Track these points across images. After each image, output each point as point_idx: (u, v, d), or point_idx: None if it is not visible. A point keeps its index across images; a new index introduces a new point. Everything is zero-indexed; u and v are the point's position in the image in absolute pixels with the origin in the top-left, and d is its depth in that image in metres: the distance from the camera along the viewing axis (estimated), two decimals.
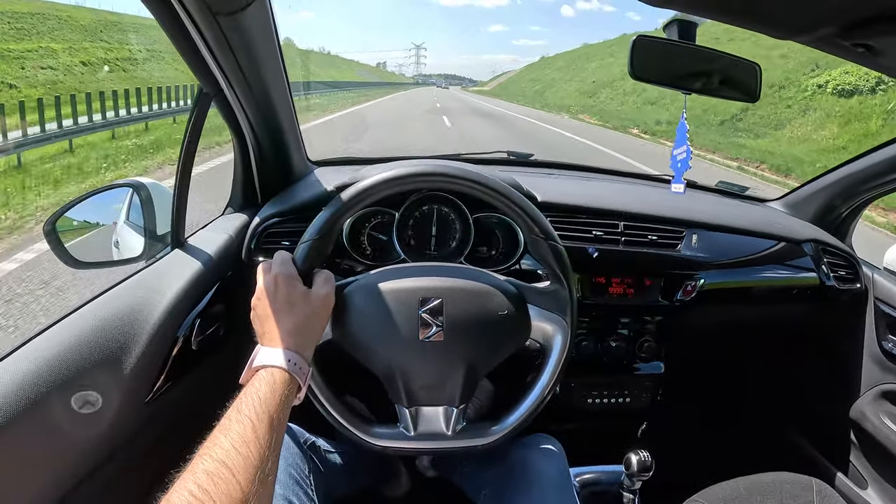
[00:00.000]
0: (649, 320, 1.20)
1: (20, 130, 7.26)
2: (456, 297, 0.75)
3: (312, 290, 0.71)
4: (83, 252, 1.01)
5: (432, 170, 0.77)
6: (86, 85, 16.08)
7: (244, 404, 0.56)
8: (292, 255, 0.73)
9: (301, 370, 0.63)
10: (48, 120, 7.84)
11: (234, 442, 0.51)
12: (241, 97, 0.94)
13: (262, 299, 0.69)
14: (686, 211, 1.20)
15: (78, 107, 8.57)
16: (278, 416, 0.56)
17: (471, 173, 0.77)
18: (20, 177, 6.29)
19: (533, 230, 0.78)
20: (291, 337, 0.65)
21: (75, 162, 7.32)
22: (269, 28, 0.88)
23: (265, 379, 0.59)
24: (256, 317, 0.69)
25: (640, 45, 0.90)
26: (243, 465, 0.49)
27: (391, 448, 0.76)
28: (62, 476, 0.69)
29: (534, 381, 0.79)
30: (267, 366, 0.61)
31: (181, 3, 0.71)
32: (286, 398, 0.59)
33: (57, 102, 8.33)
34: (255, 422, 0.53)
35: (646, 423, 1.34)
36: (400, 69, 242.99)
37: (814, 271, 1.26)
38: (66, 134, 7.94)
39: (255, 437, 0.52)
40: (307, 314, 0.68)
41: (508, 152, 1.51)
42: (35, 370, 0.66)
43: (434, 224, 1.09)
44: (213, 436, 0.52)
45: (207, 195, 1.99)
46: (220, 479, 0.47)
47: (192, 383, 0.92)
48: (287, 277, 0.69)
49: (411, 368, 0.75)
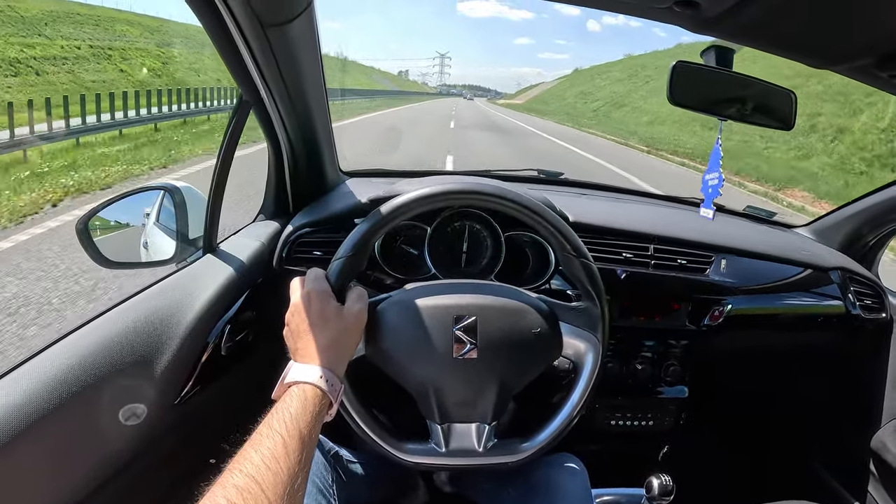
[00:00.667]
0: (675, 344, 1.20)
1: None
2: (490, 314, 0.75)
3: (345, 306, 0.71)
4: (114, 252, 1.02)
5: (467, 187, 0.77)
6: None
7: (275, 420, 0.56)
8: (325, 271, 0.73)
9: (333, 387, 0.63)
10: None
11: (264, 457, 0.51)
12: (280, 107, 0.95)
13: (296, 315, 0.69)
14: (715, 235, 1.20)
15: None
16: (309, 433, 0.56)
17: (505, 191, 0.77)
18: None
19: (565, 248, 0.78)
20: (324, 353, 0.65)
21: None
22: (313, 40, 0.89)
23: (297, 395, 0.59)
24: (290, 332, 0.69)
25: (679, 71, 0.90)
26: (273, 480, 0.49)
27: (423, 464, 0.75)
28: (87, 475, 0.70)
29: (565, 398, 0.78)
30: (299, 382, 0.61)
31: (231, 13, 0.72)
32: (317, 415, 0.59)
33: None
34: (285, 438, 0.53)
35: (667, 447, 1.32)
36: (423, 78, 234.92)
37: (840, 299, 1.25)
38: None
39: (286, 453, 0.52)
40: (340, 330, 0.68)
41: (539, 170, 1.51)
42: (66, 370, 0.67)
43: (465, 241, 1.10)
44: (244, 450, 0.52)
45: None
46: (249, 495, 0.47)
47: (219, 389, 0.92)
48: (320, 294, 0.69)
49: (445, 385, 0.75)
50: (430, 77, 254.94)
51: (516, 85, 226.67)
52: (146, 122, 10.66)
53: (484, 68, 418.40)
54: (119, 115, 10.07)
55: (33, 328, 2.73)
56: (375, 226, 0.75)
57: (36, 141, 7.48)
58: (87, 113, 8.99)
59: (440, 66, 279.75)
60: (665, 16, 0.66)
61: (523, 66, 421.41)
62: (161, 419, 0.79)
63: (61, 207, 5.10)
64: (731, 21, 0.60)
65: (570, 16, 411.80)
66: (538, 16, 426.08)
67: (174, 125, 11.45)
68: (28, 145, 7.13)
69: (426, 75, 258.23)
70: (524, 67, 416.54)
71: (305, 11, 0.77)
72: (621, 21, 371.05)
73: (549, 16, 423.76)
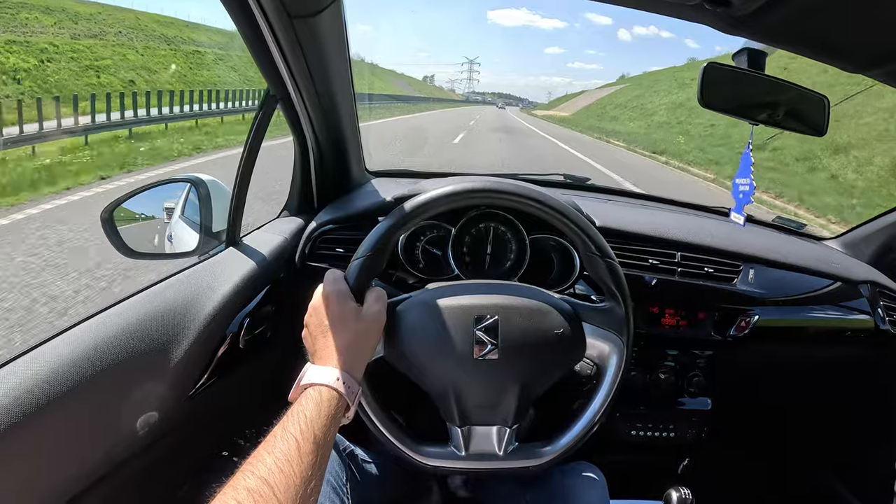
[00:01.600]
0: (699, 354, 1.17)
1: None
2: (511, 315, 0.73)
3: (364, 307, 0.70)
4: (138, 242, 1.03)
5: (492, 186, 0.76)
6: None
7: (290, 423, 0.55)
8: (344, 272, 0.72)
9: (350, 389, 0.62)
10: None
11: (277, 460, 0.50)
12: (307, 102, 0.95)
13: (314, 317, 0.68)
14: (744, 245, 1.17)
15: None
16: (324, 436, 0.55)
17: (530, 190, 0.76)
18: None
19: (590, 248, 0.77)
20: (342, 355, 0.64)
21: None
22: (342, 35, 0.89)
23: (313, 397, 0.59)
24: (308, 334, 0.69)
25: (710, 73, 0.88)
26: (285, 483, 0.48)
27: (442, 468, 0.74)
28: (99, 461, 0.70)
29: (588, 401, 0.77)
30: (315, 384, 0.60)
31: (259, 5, 0.73)
32: (333, 418, 0.58)
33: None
34: (300, 441, 0.53)
35: (688, 459, 1.29)
36: (452, 85, 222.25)
37: (869, 314, 1.21)
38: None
39: (300, 456, 0.51)
40: (358, 332, 0.67)
41: (565, 175, 1.50)
42: (79, 357, 0.67)
43: (489, 242, 1.08)
44: (258, 452, 0.51)
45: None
46: (260, 498, 0.46)
47: (235, 382, 0.92)
48: (339, 295, 0.69)
49: (465, 387, 0.73)
50: (457, 83, 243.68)
51: (547, 94, 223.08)
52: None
53: (513, 77, 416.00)
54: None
55: None
56: (396, 225, 0.74)
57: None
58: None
59: (468, 71, 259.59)
60: (696, 15, 0.65)
61: (553, 75, 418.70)
62: (175, 409, 0.79)
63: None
64: (763, 21, 0.59)
65: (600, 25, 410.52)
66: (569, 25, 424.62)
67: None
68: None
69: (454, 81, 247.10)
70: (554, 77, 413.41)
71: (333, 4, 0.78)
72: (652, 31, 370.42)
73: (580, 25, 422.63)
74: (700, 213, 1.44)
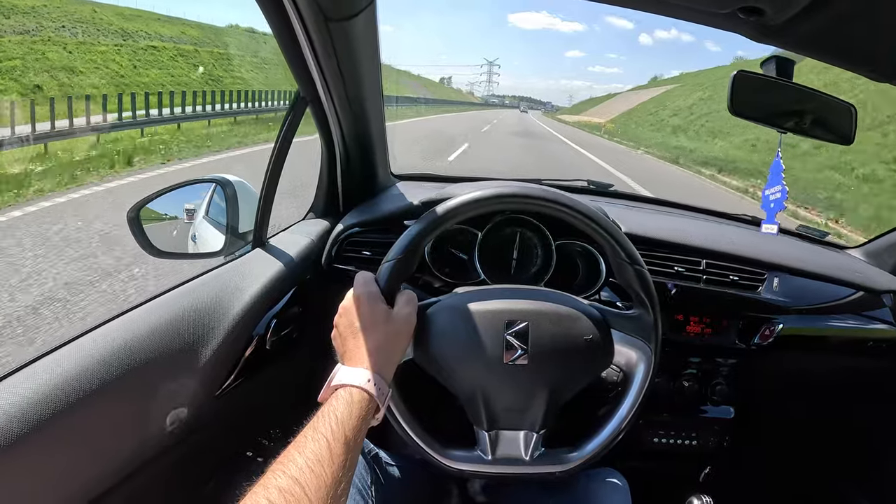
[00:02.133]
0: (723, 362, 1.16)
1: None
2: (541, 320, 0.73)
3: (395, 309, 0.70)
4: (163, 242, 1.04)
5: (522, 191, 0.76)
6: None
7: (321, 423, 0.55)
8: (375, 274, 0.73)
9: (381, 391, 0.62)
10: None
11: (308, 460, 0.50)
12: (336, 104, 0.96)
13: (344, 318, 0.69)
14: (769, 253, 1.17)
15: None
16: (354, 437, 0.56)
17: (560, 195, 0.76)
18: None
19: (619, 255, 0.77)
20: (372, 357, 0.64)
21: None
22: (374, 38, 0.90)
23: (343, 398, 0.59)
24: (338, 335, 0.69)
25: (740, 81, 0.88)
26: (316, 484, 0.48)
27: (468, 471, 0.74)
28: (127, 456, 0.70)
29: (615, 407, 0.76)
30: (346, 385, 0.61)
31: (295, 6, 0.73)
32: (364, 419, 0.58)
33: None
34: (331, 441, 0.53)
35: (710, 468, 1.28)
36: (471, 87, 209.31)
37: (892, 324, 1.20)
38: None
39: (331, 456, 0.51)
40: (388, 334, 0.67)
41: (589, 181, 1.50)
42: (109, 354, 0.68)
43: (516, 247, 1.09)
44: (288, 452, 0.52)
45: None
46: (292, 497, 0.46)
47: (261, 383, 0.93)
48: (370, 297, 0.69)
49: (494, 391, 0.73)
50: (477, 86, 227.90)
51: (568, 98, 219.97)
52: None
53: (533, 80, 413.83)
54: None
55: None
56: (427, 228, 0.74)
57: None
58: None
59: (488, 73, 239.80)
60: (728, 24, 0.65)
61: (574, 79, 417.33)
62: (202, 409, 0.80)
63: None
64: (795, 30, 0.59)
65: (621, 29, 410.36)
66: (590, 28, 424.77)
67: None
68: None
69: (473, 84, 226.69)
70: (574, 80, 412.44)
71: (368, 8, 0.78)
72: (673, 35, 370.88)
73: (600, 28, 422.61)
74: (724, 221, 1.44)
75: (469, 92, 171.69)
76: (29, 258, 3.60)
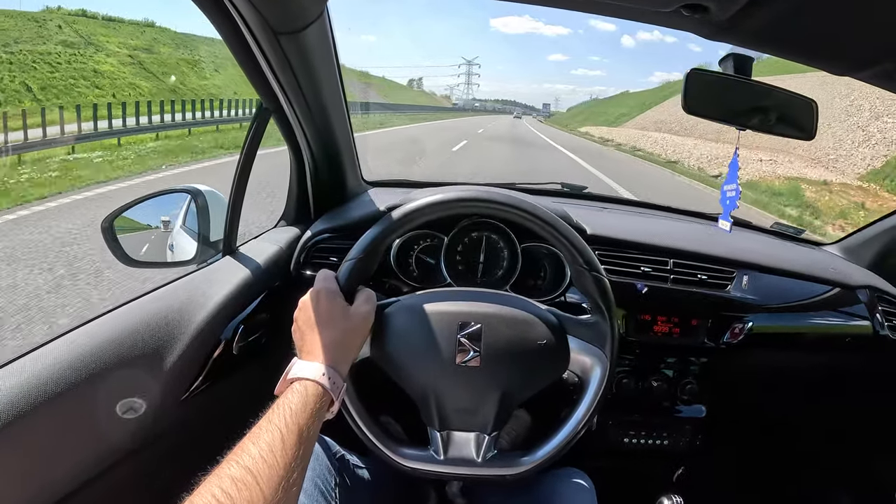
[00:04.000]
0: (693, 361, 1.16)
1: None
2: (495, 323, 0.75)
3: (353, 306, 0.72)
4: (138, 251, 1.06)
5: (479, 195, 0.77)
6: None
7: (275, 415, 0.57)
8: (335, 272, 0.75)
9: (335, 385, 0.64)
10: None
11: (261, 450, 0.52)
12: (299, 114, 0.97)
13: (303, 312, 0.71)
14: (738, 251, 1.17)
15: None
16: (308, 429, 0.57)
17: (517, 200, 0.77)
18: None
19: (577, 260, 0.78)
20: (328, 351, 0.66)
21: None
22: (329, 48, 0.91)
23: (298, 391, 0.60)
24: (297, 329, 0.71)
25: (693, 79, 0.89)
26: (268, 473, 0.50)
27: (419, 470, 0.75)
28: (90, 462, 0.72)
29: (568, 414, 0.77)
30: (301, 378, 0.62)
31: (245, 23, 0.75)
32: (318, 411, 0.60)
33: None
34: (284, 432, 0.54)
35: (682, 468, 1.28)
36: (451, 91, 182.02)
37: (868, 319, 1.20)
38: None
39: (283, 447, 0.53)
40: (345, 330, 0.69)
41: (563, 184, 1.51)
42: (76, 359, 0.69)
43: (482, 251, 1.10)
44: (243, 443, 0.53)
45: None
46: (243, 486, 0.48)
47: (228, 387, 0.94)
48: (329, 293, 0.71)
49: (445, 392, 0.75)
50: (456, 88, 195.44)
51: (554, 101, 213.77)
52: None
53: (517, 84, 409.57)
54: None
55: None
56: (386, 230, 0.76)
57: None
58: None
59: (467, 74, 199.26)
60: (678, 22, 0.66)
61: (556, 82, 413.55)
62: (167, 414, 0.81)
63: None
64: (745, 26, 0.59)
65: (604, 31, 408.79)
66: (573, 31, 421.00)
67: None
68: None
69: (452, 87, 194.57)
70: (557, 84, 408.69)
71: (318, 20, 0.79)
72: (656, 37, 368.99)
73: (583, 31, 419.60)
74: (696, 220, 1.44)
75: (445, 96, 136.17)
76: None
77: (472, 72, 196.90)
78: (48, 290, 3.40)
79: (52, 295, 3.33)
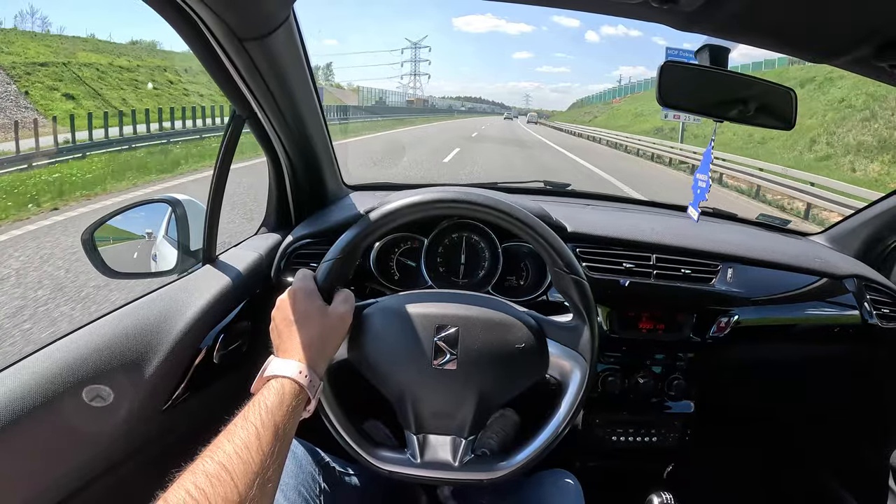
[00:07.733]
0: (680, 357, 1.15)
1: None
2: (473, 326, 0.74)
3: (331, 306, 0.72)
4: (120, 262, 1.05)
5: (456, 196, 0.77)
6: None
7: (251, 412, 0.57)
8: (314, 272, 0.75)
9: (311, 383, 0.63)
10: None
11: (236, 447, 0.51)
12: (272, 120, 0.96)
13: (280, 311, 0.71)
14: (722, 244, 1.16)
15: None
16: (284, 427, 0.57)
17: (494, 201, 0.76)
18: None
19: (556, 263, 0.77)
20: (305, 350, 0.65)
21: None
22: (298, 52, 0.90)
23: (274, 388, 0.60)
24: (274, 328, 0.71)
25: (668, 71, 0.88)
26: (243, 470, 0.50)
27: (396, 473, 0.75)
28: (72, 474, 0.71)
29: (547, 418, 0.76)
30: (277, 376, 0.62)
31: (209, 31, 0.74)
32: (294, 409, 0.60)
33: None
34: (259, 429, 0.54)
35: (672, 465, 1.27)
36: (403, 89, 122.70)
37: (856, 308, 1.19)
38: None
39: (259, 444, 0.53)
40: (322, 329, 0.69)
41: (545, 182, 1.50)
42: (55, 371, 0.69)
43: (463, 252, 1.09)
44: (218, 440, 0.53)
45: None
46: (218, 482, 0.47)
47: (210, 395, 0.93)
48: (306, 292, 0.71)
49: (422, 395, 0.74)
50: (401, 81, 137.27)
51: (524, 99, 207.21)
52: None
53: (481, 83, 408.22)
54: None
55: None
56: (364, 231, 0.76)
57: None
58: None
59: (413, 62, 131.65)
60: (649, 14, 0.65)
61: (522, 80, 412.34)
62: (149, 423, 0.81)
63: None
64: (714, 16, 0.58)
65: (568, 27, 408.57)
66: (537, 28, 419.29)
67: None
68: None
69: (407, 86, 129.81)
70: (522, 82, 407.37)
71: (284, 24, 0.78)
72: (620, 31, 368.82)
73: (547, 28, 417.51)
74: (678, 214, 1.43)
75: (354, 89, 70.55)
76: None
77: (421, 58, 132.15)
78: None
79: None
